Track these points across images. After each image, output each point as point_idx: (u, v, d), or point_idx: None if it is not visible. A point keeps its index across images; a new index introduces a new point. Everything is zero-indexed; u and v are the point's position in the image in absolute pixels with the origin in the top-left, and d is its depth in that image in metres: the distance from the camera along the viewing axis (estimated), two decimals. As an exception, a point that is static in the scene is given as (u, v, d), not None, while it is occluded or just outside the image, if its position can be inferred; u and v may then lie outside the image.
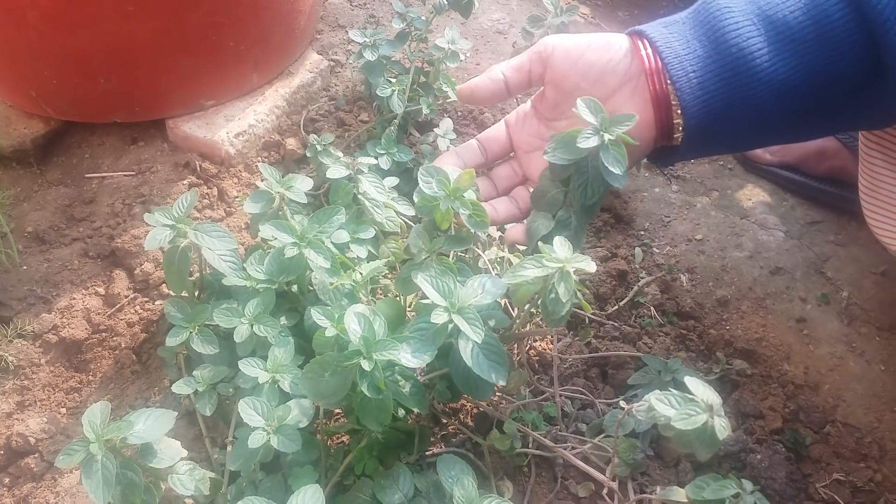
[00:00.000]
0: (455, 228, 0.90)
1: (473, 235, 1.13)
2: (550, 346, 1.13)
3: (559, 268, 0.71)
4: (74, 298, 1.14)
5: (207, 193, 1.32)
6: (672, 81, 0.72)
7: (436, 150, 1.37)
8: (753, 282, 1.26)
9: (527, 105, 0.87)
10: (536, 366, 1.11)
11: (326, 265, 0.94)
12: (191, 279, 1.01)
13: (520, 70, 0.82)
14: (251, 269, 0.97)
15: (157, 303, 1.14)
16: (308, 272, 0.98)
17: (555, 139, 0.77)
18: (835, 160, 1.40)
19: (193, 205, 0.98)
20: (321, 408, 0.90)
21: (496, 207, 0.86)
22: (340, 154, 1.25)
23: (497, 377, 0.72)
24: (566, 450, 0.94)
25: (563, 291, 0.71)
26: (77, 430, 1.00)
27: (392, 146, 1.31)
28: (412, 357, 0.70)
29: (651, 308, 1.20)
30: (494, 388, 1.03)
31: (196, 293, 1.04)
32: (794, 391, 1.10)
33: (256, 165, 1.40)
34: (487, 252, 1.11)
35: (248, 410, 0.80)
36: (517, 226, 0.87)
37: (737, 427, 1.04)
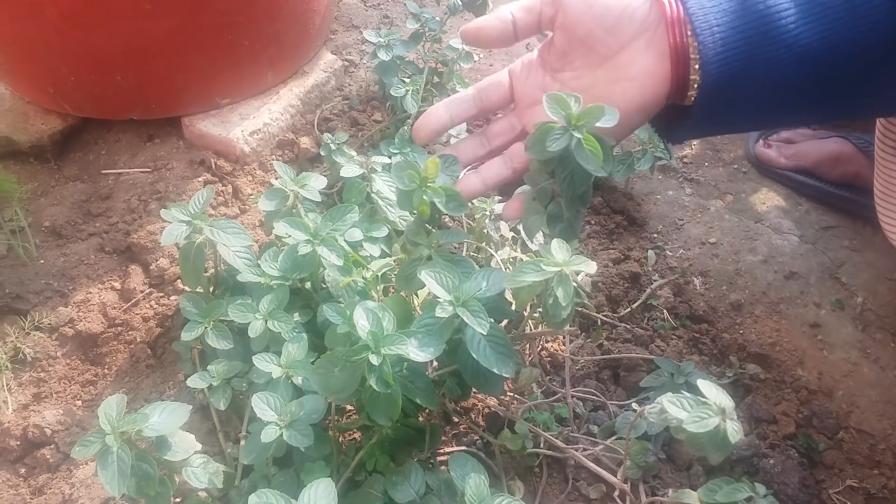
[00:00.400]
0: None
1: (476, 230, 1.14)
2: (562, 348, 1.13)
3: (557, 272, 0.71)
4: (91, 292, 1.15)
5: (222, 191, 1.33)
6: (694, 34, 0.68)
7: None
8: (767, 286, 1.26)
9: (533, 54, 0.81)
10: (548, 366, 1.11)
11: (339, 263, 0.94)
12: (206, 275, 1.01)
13: (530, 11, 0.76)
14: (265, 266, 0.97)
15: (172, 298, 1.15)
16: (321, 269, 0.98)
17: (532, 136, 0.73)
18: (850, 165, 1.39)
19: (209, 202, 0.99)
20: (333, 404, 0.91)
21: (484, 175, 0.81)
22: (354, 153, 1.25)
23: (504, 369, 0.72)
24: (578, 451, 0.94)
25: (562, 295, 0.70)
26: (92, 423, 1.01)
27: (405, 146, 1.31)
28: (419, 350, 0.70)
29: (664, 311, 1.19)
30: (505, 388, 1.03)
31: (211, 289, 1.04)
32: (808, 396, 1.09)
33: (270, 163, 1.41)
34: (500, 252, 1.11)
35: (262, 405, 0.80)
36: (514, 202, 0.82)
37: (749, 432, 1.04)
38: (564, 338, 1.13)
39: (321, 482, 0.71)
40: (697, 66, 0.68)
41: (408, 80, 1.39)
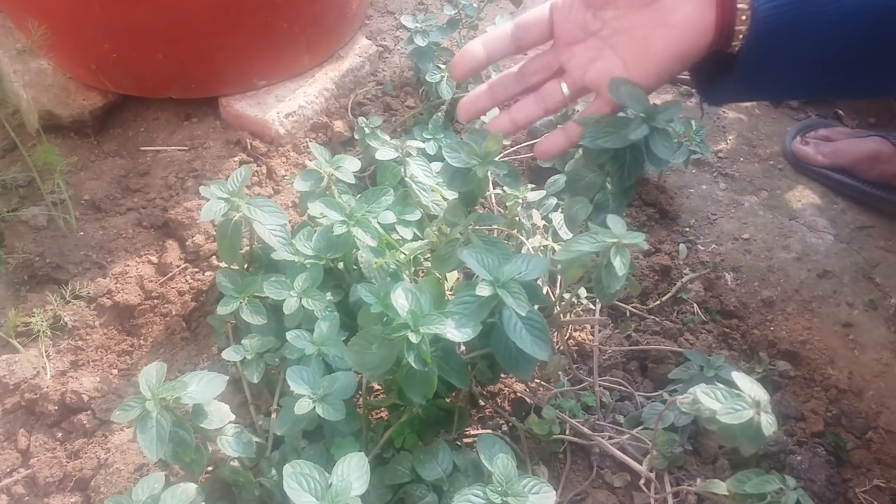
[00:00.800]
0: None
1: (508, 217, 1.14)
2: (590, 337, 1.13)
3: (615, 242, 0.71)
4: (128, 265, 1.17)
5: (256, 171, 1.35)
6: None
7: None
8: (800, 284, 1.24)
9: None
10: (575, 356, 1.11)
11: (373, 244, 0.95)
12: (241, 252, 1.03)
13: None
14: (300, 245, 0.99)
15: (207, 274, 1.17)
16: (354, 250, 1.00)
17: (590, 125, 0.73)
18: (888, 165, 1.37)
19: (247, 180, 1.00)
20: (363, 383, 0.92)
21: (514, 116, 0.81)
22: (387, 137, 1.26)
23: (540, 351, 0.73)
24: (603, 439, 0.94)
25: (619, 265, 0.70)
26: (128, 391, 1.03)
27: (439, 132, 1.32)
28: (456, 330, 0.71)
29: (694, 305, 1.19)
30: (533, 374, 1.04)
31: (245, 266, 1.06)
32: (838, 395, 1.09)
33: (304, 146, 1.43)
34: (531, 240, 1.12)
35: (296, 378, 0.82)
36: (549, 137, 0.80)
37: (777, 428, 1.03)
38: (593, 327, 1.14)
39: (354, 456, 0.72)
40: (745, 17, 0.66)
41: (443, 66, 1.39)
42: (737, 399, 0.62)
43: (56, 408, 1.02)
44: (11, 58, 1.44)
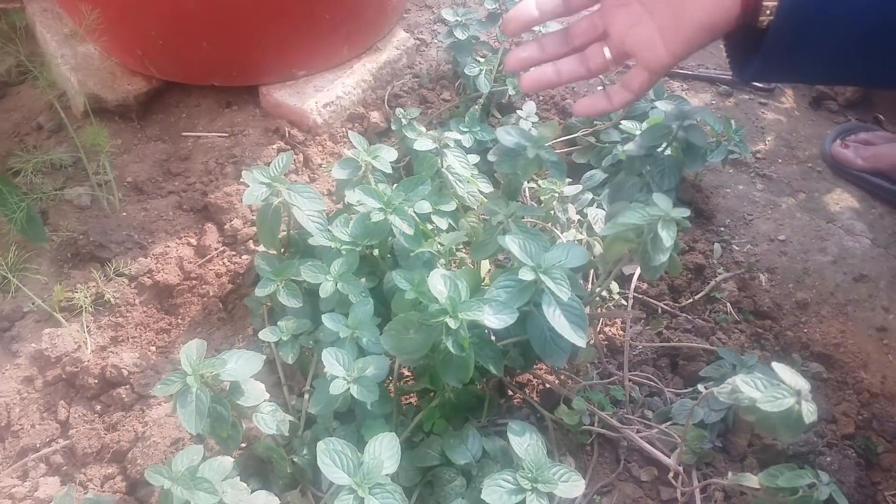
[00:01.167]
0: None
1: (546, 207, 1.15)
2: (621, 333, 1.14)
3: (662, 215, 0.72)
4: (169, 246, 1.20)
5: (294, 159, 1.37)
6: None
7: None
8: (835, 287, 1.23)
9: None
10: (605, 350, 1.11)
11: (410, 232, 0.97)
12: (279, 237, 1.05)
13: None
14: (336, 231, 1.00)
15: (244, 257, 1.20)
16: (390, 238, 1.01)
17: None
18: (929, 171, 1.35)
19: (287, 167, 1.02)
20: (395, 368, 0.93)
21: (560, 68, 0.82)
22: (423, 129, 1.27)
23: (578, 337, 0.73)
24: (632, 432, 0.94)
25: (666, 236, 0.71)
26: (165, 368, 1.06)
27: (475, 125, 1.33)
28: (494, 318, 0.72)
29: (727, 304, 1.19)
30: (564, 365, 1.05)
31: (282, 251, 1.08)
32: (870, 399, 1.08)
33: (341, 135, 1.45)
34: (566, 234, 1.12)
35: (331, 360, 0.83)
36: (591, 97, 0.83)
37: (808, 430, 1.02)
38: (624, 323, 1.14)
39: (385, 436, 0.74)
40: None
41: (482, 60, 1.40)
42: (777, 388, 0.62)
43: (96, 381, 1.05)
44: (59, 42, 1.48)
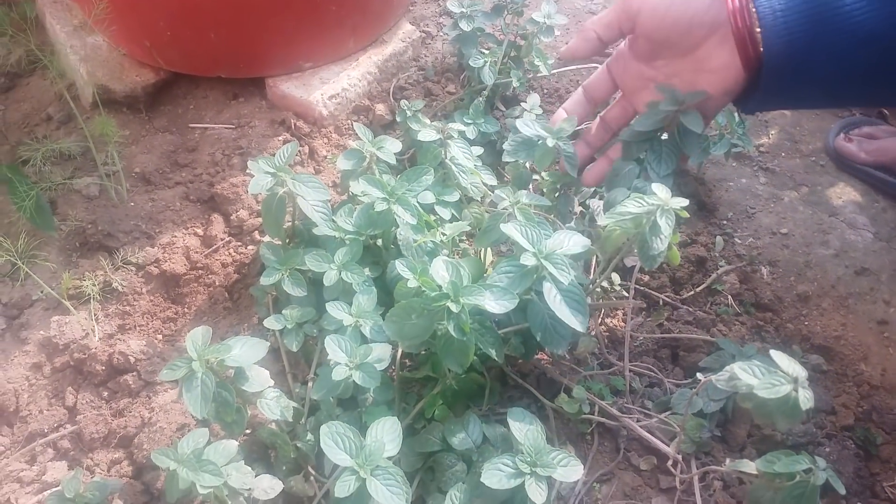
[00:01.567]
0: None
1: (549, 198, 1.16)
2: (622, 324, 1.14)
3: (661, 204, 0.74)
4: (175, 236, 1.22)
5: (299, 151, 1.38)
6: (758, 16, 0.74)
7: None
8: (837, 280, 1.24)
9: (624, 45, 0.91)
10: (606, 341, 1.12)
11: (413, 221, 0.98)
12: (283, 227, 1.06)
13: (610, 27, 0.88)
14: (341, 221, 1.02)
15: (250, 247, 1.21)
16: (394, 228, 1.02)
17: (641, 116, 0.85)
18: (933, 165, 1.35)
19: (293, 157, 1.03)
20: (397, 356, 0.95)
21: (611, 156, 0.95)
22: (427, 121, 1.28)
23: (578, 322, 0.74)
24: (632, 421, 0.95)
25: (665, 225, 0.73)
26: (172, 356, 1.07)
27: (479, 117, 1.34)
28: (495, 303, 0.73)
29: (728, 297, 1.19)
30: (565, 354, 1.06)
31: (287, 241, 1.09)
32: (870, 391, 1.08)
33: (346, 128, 1.46)
34: (568, 225, 1.13)
35: (334, 346, 0.85)
36: (595, 166, 0.95)
37: (807, 420, 1.03)
38: (625, 314, 1.15)
39: (387, 420, 0.75)
40: (762, 49, 0.75)
41: (486, 52, 1.40)
42: (774, 375, 0.63)
43: (103, 368, 1.06)
44: (68, 33, 1.49)
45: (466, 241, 1.22)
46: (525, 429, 0.76)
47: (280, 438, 0.89)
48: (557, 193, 1.15)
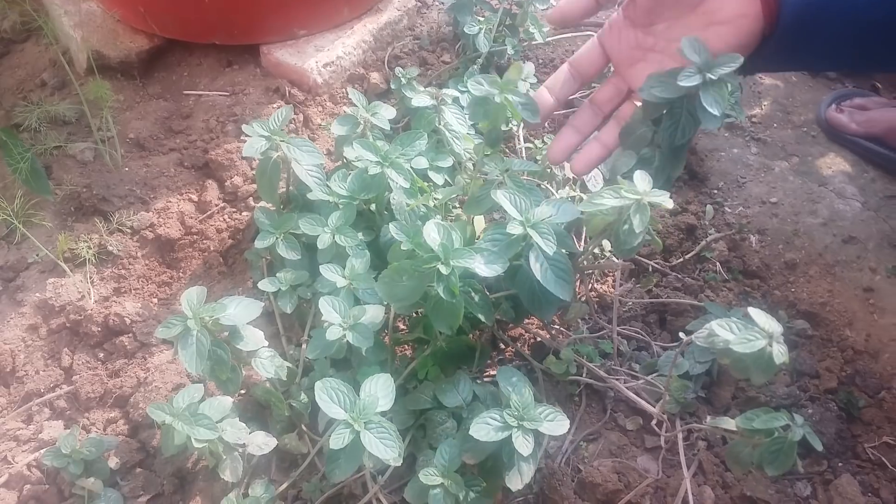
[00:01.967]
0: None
1: (541, 168, 1.17)
2: (612, 289, 1.16)
3: (636, 199, 0.73)
4: (170, 202, 1.22)
5: (294, 119, 1.39)
6: None
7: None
8: (824, 248, 1.25)
9: (618, 14, 0.81)
10: (596, 306, 1.14)
11: (406, 185, 0.99)
12: (278, 193, 1.07)
13: None
14: (335, 186, 1.02)
15: (244, 213, 1.22)
16: (387, 193, 1.03)
17: (652, 77, 0.75)
18: (923, 136, 1.36)
19: (287, 121, 1.04)
20: (389, 319, 0.96)
21: (604, 141, 0.85)
22: (422, 89, 1.29)
23: (563, 291, 0.76)
24: (619, 383, 0.97)
25: (638, 223, 0.72)
26: (167, 318, 1.09)
27: (474, 85, 1.34)
28: (485, 266, 0.74)
29: (717, 263, 1.21)
30: (554, 319, 1.07)
31: (282, 207, 1.10)
32: (853, 356, 1.10)
33: (340, 96, 1.46)
34: (560, 191, 1.14)
35: (328, 307, 0.86)
36: (584, 153, 0.85)
37: (791, 383, 1.05)
38: (614, 280, 1.16)
39: (380, 376, 0.77)
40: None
41: (482, 20, 1.40)
42: (750, 330, 0.65)
43: (99, 329, 1.07)
44: (62, -1, 1.48)
45: (459, 207, 1.23)
46: (513, 385, 0.78)
47: (274, 396, 0.91)
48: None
